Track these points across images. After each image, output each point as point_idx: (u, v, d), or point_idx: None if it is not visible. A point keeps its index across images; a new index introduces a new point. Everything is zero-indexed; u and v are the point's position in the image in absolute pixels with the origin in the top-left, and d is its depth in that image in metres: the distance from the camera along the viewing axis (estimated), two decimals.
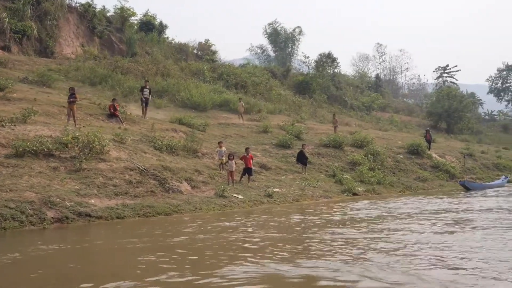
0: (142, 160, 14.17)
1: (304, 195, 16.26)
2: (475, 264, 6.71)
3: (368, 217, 11.93)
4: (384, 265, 6.59)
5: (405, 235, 9.12)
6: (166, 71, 31.97)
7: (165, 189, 13.14)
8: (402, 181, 21.68)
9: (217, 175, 15.71)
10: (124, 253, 7.76)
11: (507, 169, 29.65)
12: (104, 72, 27.64)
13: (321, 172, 20.02)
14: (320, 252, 7.63)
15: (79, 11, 35.34)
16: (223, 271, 6.32)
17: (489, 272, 6.25)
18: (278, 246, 8.07)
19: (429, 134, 27.96)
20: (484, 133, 51.81)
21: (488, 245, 8.01)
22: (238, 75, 34.35)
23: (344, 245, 8.17)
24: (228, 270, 6.36)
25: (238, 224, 10.62)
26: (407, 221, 11.23)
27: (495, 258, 7.04)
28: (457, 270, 6.40)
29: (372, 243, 8.31)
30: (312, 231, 9.75)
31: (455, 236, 9.11)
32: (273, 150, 20.98)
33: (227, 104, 27.47)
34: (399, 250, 7.70)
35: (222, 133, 22.21)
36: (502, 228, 9.94)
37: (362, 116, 45.55)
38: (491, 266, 6.56)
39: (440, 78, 67.81)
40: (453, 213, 12.80)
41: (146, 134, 17.29)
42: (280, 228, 10.26)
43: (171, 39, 43.37)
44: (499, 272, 6.26)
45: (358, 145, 23.78)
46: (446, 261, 6.92)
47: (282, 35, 64.87)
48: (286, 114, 30.16)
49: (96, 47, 35.71)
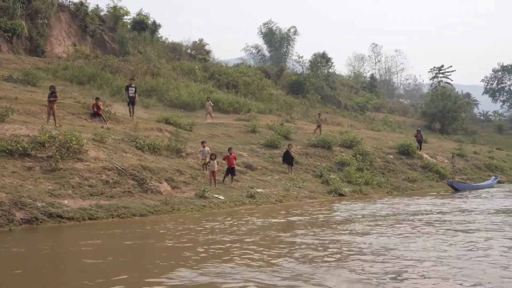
0: (121, 160, 13.93)
1: (288, 195, 16.04)
2: (381, 267, 6.68)
3: (335, 219, 11.78)
4: (286, 269, 6.51)
5: (351, 240, 8.96)
6: (156, 70, 31.76)
7: (143, 190, 12.91)
8: (391, 181, 21.47)
9: (199, 175, 15.49)
10: (74, 257, 7.61)
11: (499, 169, 29.48)
12: (92, 71, 27.40)
13: (308, 172, 19.80)
14: (232, 256, 7.49)
15: (71, 10, 35.06)
16: (169, 276, 6.17)
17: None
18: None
19: (420, 134, 27.75)
20: (478, 133, 51.67)
21: (425, 248, 7.97)
22: (229, 74, 34.13)
23: (268, 250, 7.94)
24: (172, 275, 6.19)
25: (208, 226, 10.39)
26: (367, 223, 10.97)
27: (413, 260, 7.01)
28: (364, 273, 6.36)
29: (305, 247, 8.12)
30: (249, 234, 9.50)
31: (399, 239, 8.91)
32: (260, 150, 20.75)
33: (216, 104, 27.24)
34: (324, 256, 7.54)
35: (209, 132, 21.97)
36: (455, 231, 9.76)
37: (356, 116, 45.38)
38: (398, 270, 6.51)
39: (435, 78, 67.65)
40: (424, 215, 12.55)
41: (129, 133, 17.03)
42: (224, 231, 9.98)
43: (165, 38, 43.15)
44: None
45: (347, 145, 23.57)
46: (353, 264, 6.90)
47: (277, 35, 64.70)
48: (276, 114, 29.95)
49: (88, 46, 35.42)
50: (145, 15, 41.73)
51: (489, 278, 6.09)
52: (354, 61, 77.40)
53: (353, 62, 77.31)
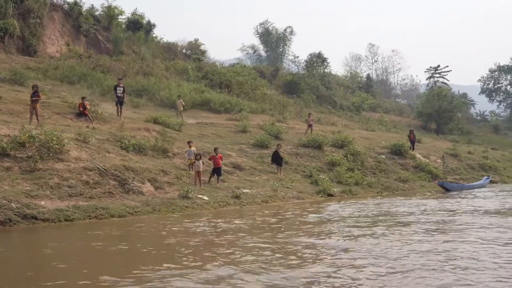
0: (104, 160, 13.72)
1: (275, 196, 15.85)
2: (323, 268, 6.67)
3: (309, 221, 11.60)
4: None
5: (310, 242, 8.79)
6: (148, 70, 31.54)
7: (124, 190, 12.70)
8: (382, 181, 21.28)
9: (184, 176, 15.28)
10: (25, 260, 7.48)
11: (493, 169, 29.33)
12: (83, 70, 27.20)
13: (297, 172, 19.60)
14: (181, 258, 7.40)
15: (65, 9, 34.84)
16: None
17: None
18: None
19: (413, 134, 27.56)
20: (474, 133, 51.47)
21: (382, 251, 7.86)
22: (222, 74, 33.91)
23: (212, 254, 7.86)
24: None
25: (181, 228, 10.20)
26: (339, 225, 10.77)
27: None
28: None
29: (252, 251, 7.96)
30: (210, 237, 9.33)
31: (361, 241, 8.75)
32: (250, 150, 20.55)
33: (208, 104, 27.03)
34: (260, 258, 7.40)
35: (198, 132, 21.77)
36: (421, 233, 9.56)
37: (351, 116, 45.17)
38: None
39: (431, 78, 67.45)
40: (399, 216, 12.35)
41: (115, 133, 16.82)
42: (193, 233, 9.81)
43: (160, 38, 42.94)
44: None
45: (338, 145, 23.35)
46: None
47: (273, 35, 64.56)
48: (269, 114, 29.73)
49: (82, 46, 35.19)
50: (140, 15, 41.49)
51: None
52: (351, 61, 77.25)
53: (350, 62, 77.15)
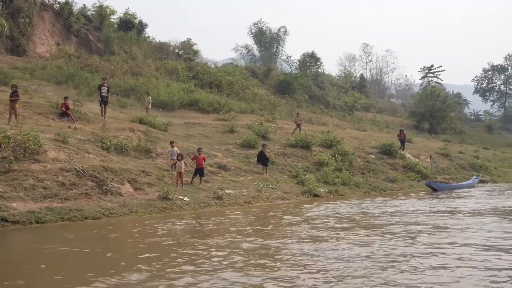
0: (83, 161, 13.48)
1: (258, 197, 15.64)
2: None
3: (283, 222, 11.37)
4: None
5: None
6: (138, 70, 31.30)
7: (102, 191, 12.46)
8: (370, 181, 21.13)
9: (166, 176, 15.05)
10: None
11: (483, 169, 29.27)
12: (71, 70, 26.95)
13: (284, 173, 19.41)
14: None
15: (55, 9, 34.56)
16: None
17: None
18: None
19: (403, 133, 27.38)
20: (467, 133, 51.51)
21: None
22: (213, 74, 33.69)
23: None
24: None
25: (150, 230, 9.96)
26: (313, 227, 10.50)
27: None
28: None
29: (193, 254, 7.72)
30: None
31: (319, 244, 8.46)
32: (236, 150, 20.35)
33: (196, 104, 26.80)
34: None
35: (185, 132, 21.54)
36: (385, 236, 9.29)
37: (344, 116, 45.05)
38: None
39: (425, 78, 67.48)
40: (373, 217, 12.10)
41: (98, 133, 16.58)
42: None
43: (152, 38, 42.69)
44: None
45: (327, 145, 23.19)
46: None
47: (267, 35, 64.46)
48: (259, 114, 29.52)
49: (73, 46, 34.95)
50: (132, 15, 41.28)
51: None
52: (345, 61, 77.23)
53: (344, 62, 77.13)
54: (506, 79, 69.76)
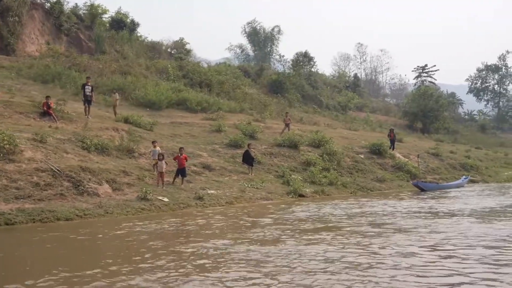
0: (60, 161, 13.22)
1: (241, 197, 15.42)
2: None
3: (248, 224, 11.13)
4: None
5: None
6: (127, 69, 31.00)
7: (78, 192, 12.21)
8: (358, 181, 20.92)
9: (147, 177, 14.81)
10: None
11: (474, 169, 29.11)
12: (58, 69, 26.66)
13: (270, 172, 19.19)
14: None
15: (45, 8, 34.24)
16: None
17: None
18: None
19: (393, 133, 27.25)
20: (460, 132, 51.41)
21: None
22: (203, 73, 33.44)
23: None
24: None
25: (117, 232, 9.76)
26: (282, 229, 10.26)
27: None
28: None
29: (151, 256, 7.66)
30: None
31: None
32: (223, 150, 20.11)
33: (185, 103, 26.55)
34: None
35: (171, 132, 21.30)
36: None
37: (337, 115, 44.88)
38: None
39: (419, 77, 67.42)
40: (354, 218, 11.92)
41: (79, 133, 16.31)
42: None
43: (144, 37, 42.41)
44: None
45: (315, 145, 22.99)
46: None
47: (261, 34, 64.25)
48: (249, 113, 29.30)
49: (63, 45, 34.62)
50: (124, 14, 40.99)
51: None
52: (339, 61, 77.05)
53: (339, 61, 76.96)
54: (500, 79, 69.77)
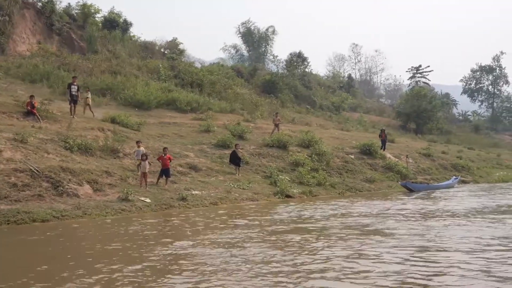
0: (40, 161, 13.01)
1: (226, 198, 15.24)
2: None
3: (221, 226, 10.89)
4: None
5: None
6: (118, 69, 30.78)
7: (58, 193, 12.01)
8: (347, 182, 20.79)
9: (130, 177, 14.61)
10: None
11: (466, 169, 29.03)
12: (47, 69, 26.44)
13: (257, 173, 19.01)
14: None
15: (37, 7, 33.98)
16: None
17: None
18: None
19: (384, 133, 27.12)
20: (453, 133, 51.40)
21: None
22: (195, 73, 33.22)
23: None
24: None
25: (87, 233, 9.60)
26: (247, 230, 10.06)
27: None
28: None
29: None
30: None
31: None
32: (210, 150, 19.93)
33: (174, 103, 26.34)
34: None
35: (159, 132, 21.10)
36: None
37: (330, 116, 44.75)
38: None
39: (413, 78, 67.43)
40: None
41: (63, 133, 16.10)
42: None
43: (137, 37, 42.15)
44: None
45: (304, 145, 22.85)
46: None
47: (255, 35, 64.08)
48: (239, 114, 29.11)
49: (55, 45, 34.35)
50: (117, 14, 40.74)
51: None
52: (334, 61, 76.94)
53: (333, 62, 76.84)
54: (494, 80, 69.84)
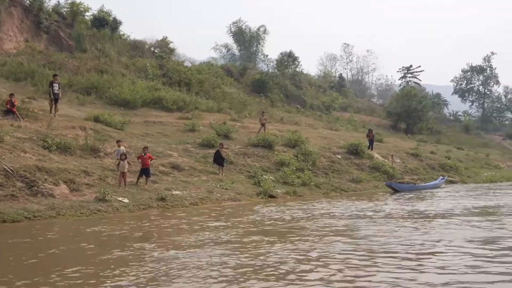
0: (16, 160, 12.74)
1: (207, 198, 15.05)
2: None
3: (185, 228, 10.65)
4: None
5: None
6: (105, 67, 30.47)
7: (32, 193, 11.76)
8: (333, 182, 20.67)
9: (109, 177, 14.37)
10: None
11: (453, 169, 29.04)
12: (31, 67, 26.11)
13: (242, 173, 18.84)
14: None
15: (24, 5, 33.57)
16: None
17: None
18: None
19: (371, 133, 27.06)
20: (443, 133, 51.54)
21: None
22: (183, 72, 32.97)
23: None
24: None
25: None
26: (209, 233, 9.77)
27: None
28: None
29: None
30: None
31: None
32: (195, 150, 19.73)
33: (161, 102, 26.09)
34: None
35: (143, 131, 20.86)
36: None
37: (320, 115, 44.67)
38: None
39: (404, 78, 67.56)
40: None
41: (42, 132, 15.83)
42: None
43: (127, 35, 41.75)
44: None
45: (291, 145, 22.71)
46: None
47: (247, 34, 63.89)
48: (227, 113, 28.92)
49: (43, 43, 33.95)
50: (106, 12, 40.33)
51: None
52: (326, 61, 76.78)
53: (325, 62, 76.69)
54: (484, 80, 70.14)
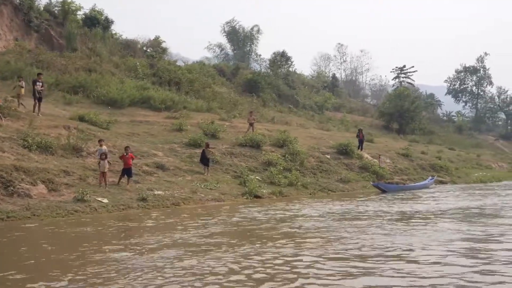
0: None
1: (190, 198, 14.86)
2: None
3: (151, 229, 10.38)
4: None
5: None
6: (94, 66, 30.20)
7: (7, 193, 11.53)
8: (321, 182, 20.53)
9: (90, 177, 14.15)
10: None
11: (444, 169, 28.98)
12: (19, 66, 25.82)
13: (228, 173, 18.66)
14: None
15: (14, 3, 33.25)
16: None
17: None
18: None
19: (361, 133, 26.95)
20: (436, 133, 51.57)
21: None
22: (173, 72, 32.75)
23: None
24: None
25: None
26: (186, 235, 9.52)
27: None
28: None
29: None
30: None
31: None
32: (181, 150, 19.53)
33: (149, 101, 25.86)
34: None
35: (129, 131, 20.64)
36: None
37: (313, 115, 44.56)
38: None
39: (397, 78, 67.62)
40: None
41: (23, 131, 15.58)
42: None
43: (119, 35, 41.45)
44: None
45: (279, 145, 22.55)
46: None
47: (240, 34, 63.75)
48: (217, 113, 28.72)
49: (33, 42, 33.62)
50: (98, 11, 40.06)
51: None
52: (320, 61, 76.76)
53: (319, 62, 76.68)
54: (478, 81, 70.33)
